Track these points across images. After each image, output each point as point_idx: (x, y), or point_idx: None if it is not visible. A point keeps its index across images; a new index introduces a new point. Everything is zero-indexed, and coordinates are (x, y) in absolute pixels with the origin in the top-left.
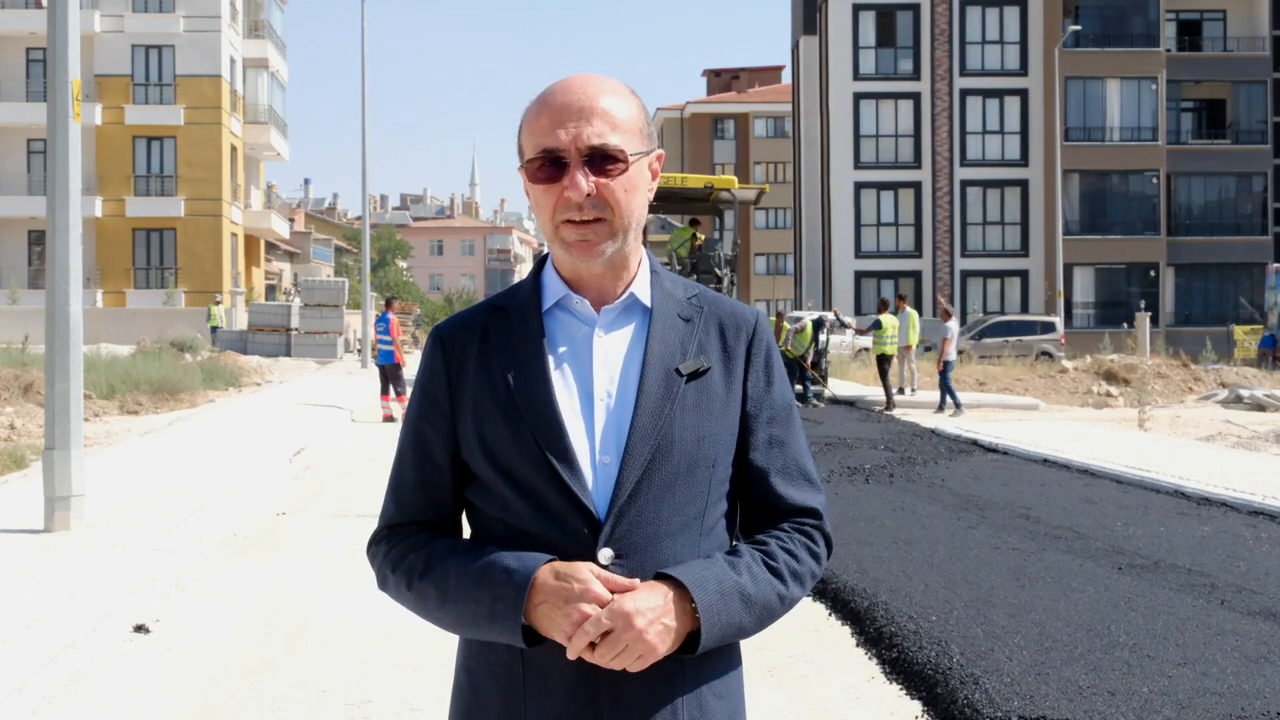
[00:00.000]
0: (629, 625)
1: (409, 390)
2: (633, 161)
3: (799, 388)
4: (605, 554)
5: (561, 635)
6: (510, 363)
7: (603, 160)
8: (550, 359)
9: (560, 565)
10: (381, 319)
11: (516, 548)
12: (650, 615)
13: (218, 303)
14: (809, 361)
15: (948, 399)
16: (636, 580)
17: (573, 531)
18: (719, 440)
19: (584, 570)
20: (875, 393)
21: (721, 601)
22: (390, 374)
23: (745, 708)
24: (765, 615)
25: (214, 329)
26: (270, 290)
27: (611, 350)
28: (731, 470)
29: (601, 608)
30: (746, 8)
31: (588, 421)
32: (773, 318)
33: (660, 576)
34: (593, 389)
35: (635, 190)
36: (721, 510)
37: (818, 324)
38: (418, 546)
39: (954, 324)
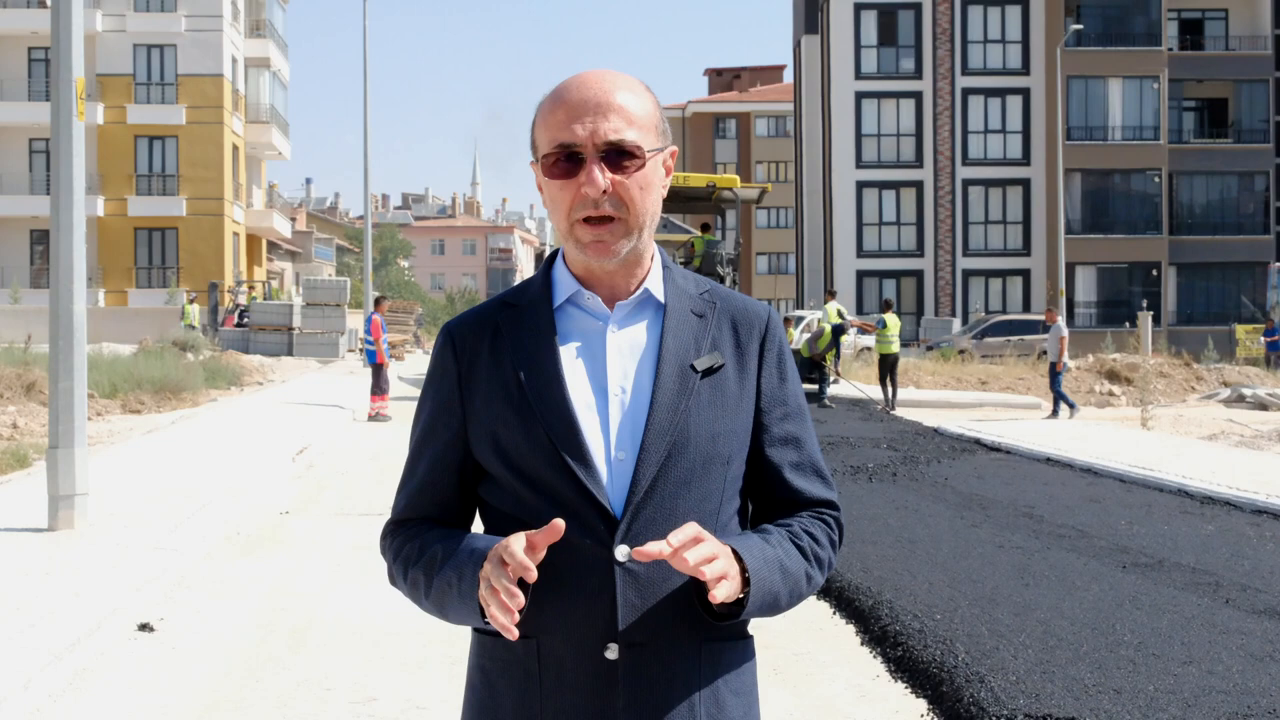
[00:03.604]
0: (716, 544)
1: (387, 390)
2: (649, 158)
3: (812, 387)
4: (621, 550)
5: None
6: (522, 359)
7: (619, 156)
8: (563, 355)
9: (511, 538)
10: (368, 319)
11: None
12: (725, 552)
13: (192, 300)
14: (834, 366)
15: (1063, 402)
16: (559, 523)
17: (589, 528)
18: (733, 436)
19: (518, 537)
20: (877, 391)
21: (765, 568)
22: (373, 373)
23: (759, 704)
24: (795, 591)
25: (189, 329)
26: (212, 287)
27: (625, 346)
28: (745, 467)
29: (510, 567)
30: (748, 7)
31: (602, 418)
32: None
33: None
34: (606, 385)
35: (650, 187)
36: (735, 507)
37: (838, 330)
38: (413, 537)
39: (1063, 325)
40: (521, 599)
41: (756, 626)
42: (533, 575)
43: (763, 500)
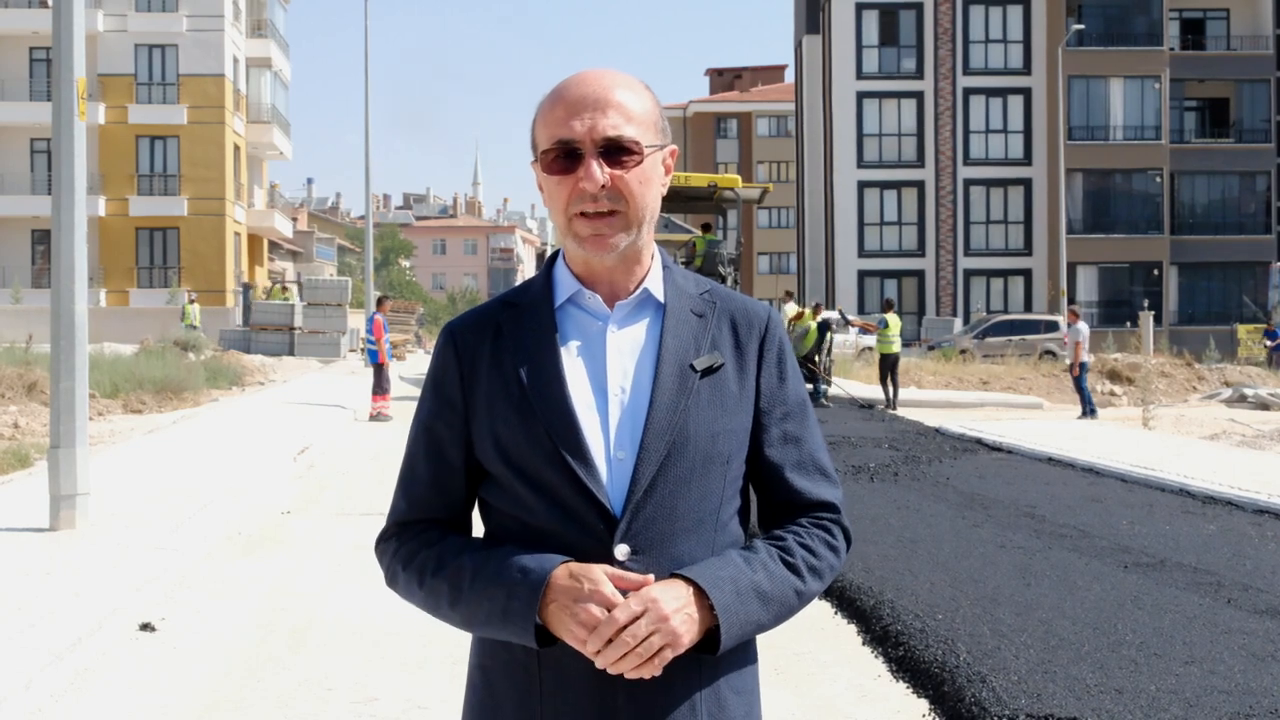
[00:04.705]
0: (658, 614)
1: (389, 390)
2: (647, 154)
3: (810, 387)
4: (621, 549)
5: (570, 636)
6: (523, 359)
7: (617, 152)
8: (563, 354)
9: (576, 566)
10: (370, 319)
11: (532, 545)
12: (675, 604)
13: (192, 301)
14: (819, 364)
15: (1082, 401)
16: (650, 576)
17: (589, 528)
18: (733, 436)
19: (597, 571)
20: (858, 389)
21: (738, 600)
22: (375, 372)
23: (761, 703)
24: (783, 611)
25: (190, 328)
26: (246, 289)
27: (625, 345)
28: (745, 466)
29: (609, 610)
30: (749, 7)
31: (602, 417)
32: (807, 309)
33: (675, 577)
34: (606, 384)
35: (649, 183)
36: (735, 506)
37: (824, 326)
38: (429, 543)
39: (1084, 325)
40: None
41: None
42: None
43: (766, 501)
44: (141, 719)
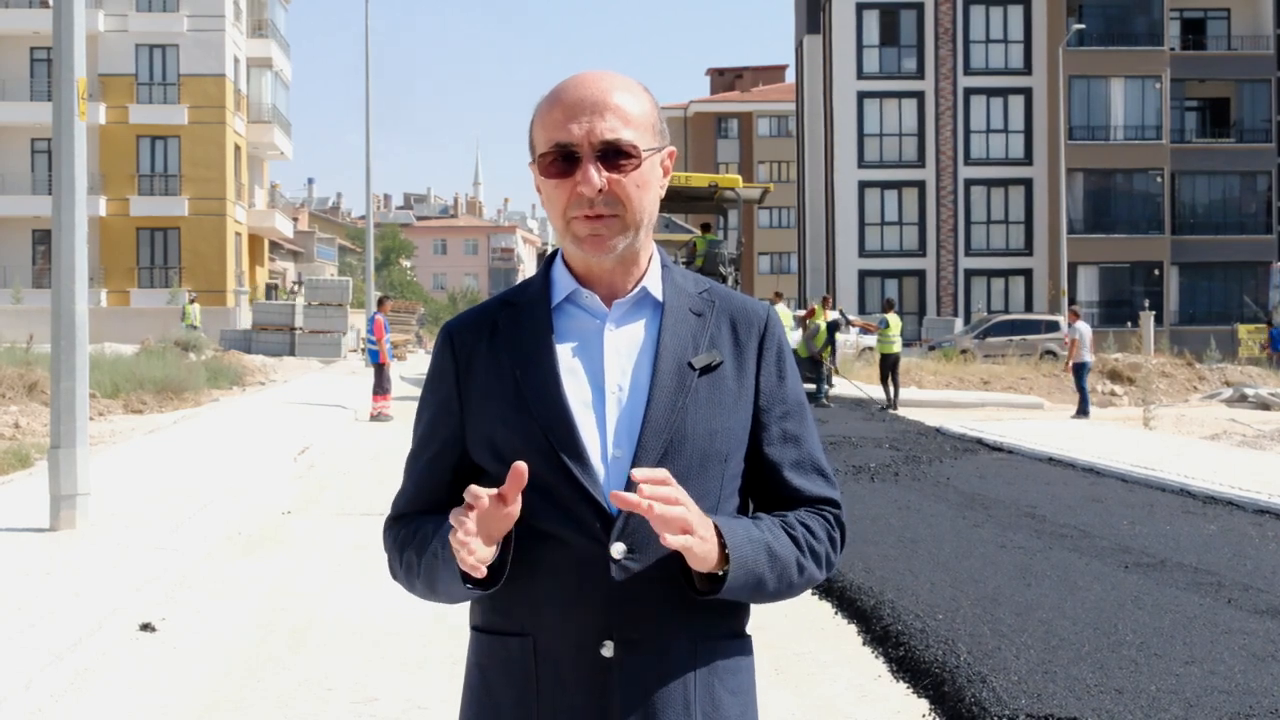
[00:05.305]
0: (692, 512)
1: (389, 390)
2: (645, 157)
3: (811, 387)
4: (618, 548)
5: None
6: (519, 358)
7: (615, 155)
8: (560, 353)
9: None
10: (370, 319)
11: (529, 542)
12: (706, 519)
13: (192, 301)
14: (832, 363)
15: (1081, 399)
16: (521, 465)
17: (585, 526)
18: (731, 434)
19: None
20: (877, 390)
21: (750, 546)
22: (375, 372)
23: (757, 704)
24: (784, 577)
25: (190, 329)
26: (270, 290)
27: (623, 344)
28: (744, 465)
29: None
30: (750, 7)
31: (599, 415)
32: (816, 305)
33: None
34: (603, 383)
35: (647, 186)
36: (733, 505)
37: (833, 325)
38: (408, 524)
39: (1084, 325)
40: (472, 526)
41: (757, 626)
42: (484, 504)
43: (764, 499)
44: (141, 719)
